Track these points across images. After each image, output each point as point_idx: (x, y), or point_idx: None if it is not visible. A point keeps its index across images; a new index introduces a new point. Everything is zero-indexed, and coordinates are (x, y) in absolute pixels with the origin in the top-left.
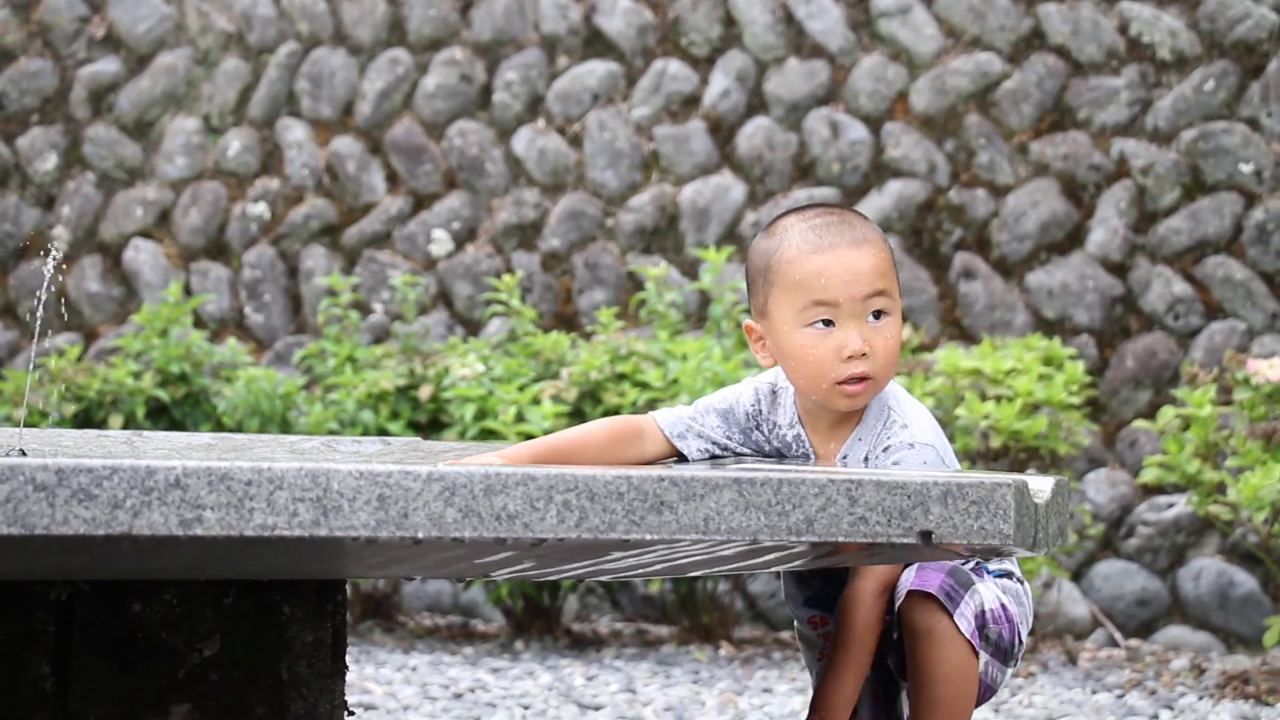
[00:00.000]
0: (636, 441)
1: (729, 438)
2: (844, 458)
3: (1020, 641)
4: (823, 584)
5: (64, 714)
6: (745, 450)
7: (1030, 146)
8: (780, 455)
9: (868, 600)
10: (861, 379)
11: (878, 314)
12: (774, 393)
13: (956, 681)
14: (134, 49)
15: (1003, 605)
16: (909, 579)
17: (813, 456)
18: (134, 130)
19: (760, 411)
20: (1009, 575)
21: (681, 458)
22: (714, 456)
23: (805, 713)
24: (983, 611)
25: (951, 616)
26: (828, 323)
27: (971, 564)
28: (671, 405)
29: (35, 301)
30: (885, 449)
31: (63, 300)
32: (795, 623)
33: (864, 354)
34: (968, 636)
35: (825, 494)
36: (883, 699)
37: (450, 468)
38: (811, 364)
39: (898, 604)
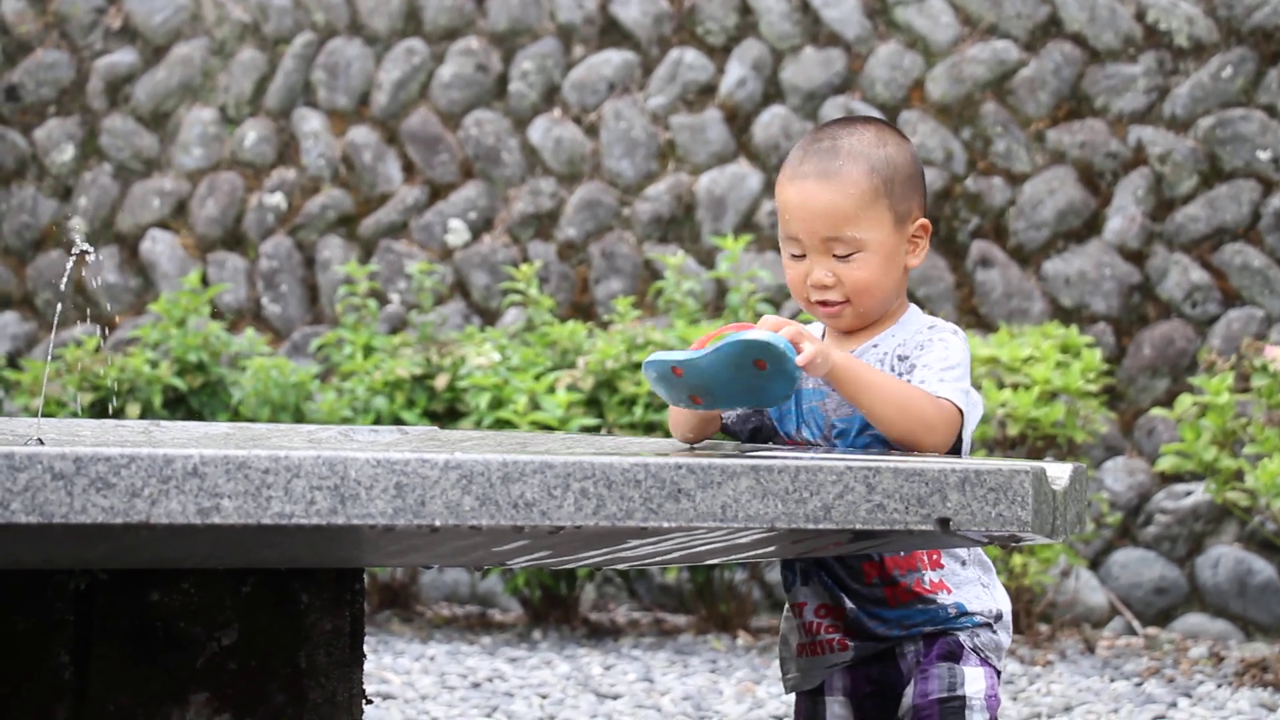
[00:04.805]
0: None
1: None
2: (874, 345)
3: (998, 701)
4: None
5: (83, 703)
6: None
7: (1047, 134)
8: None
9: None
10: (832, 303)
11: (844, 256)
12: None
13: None
14: (150, 40)
15: (987, 699)
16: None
17: None
18: (151, 121)
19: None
20: (989, 626)
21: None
22: (752, 424)
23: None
24: None
25: None
26: (799, 256)
27: (952, 606)
28: None
29: (56, 292)
30: (930, 326)
31: (95, 291)
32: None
33: (830, 286)
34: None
35: (843, 481)
36: None
37: (466, 455)
38: (790, 279)
39: None
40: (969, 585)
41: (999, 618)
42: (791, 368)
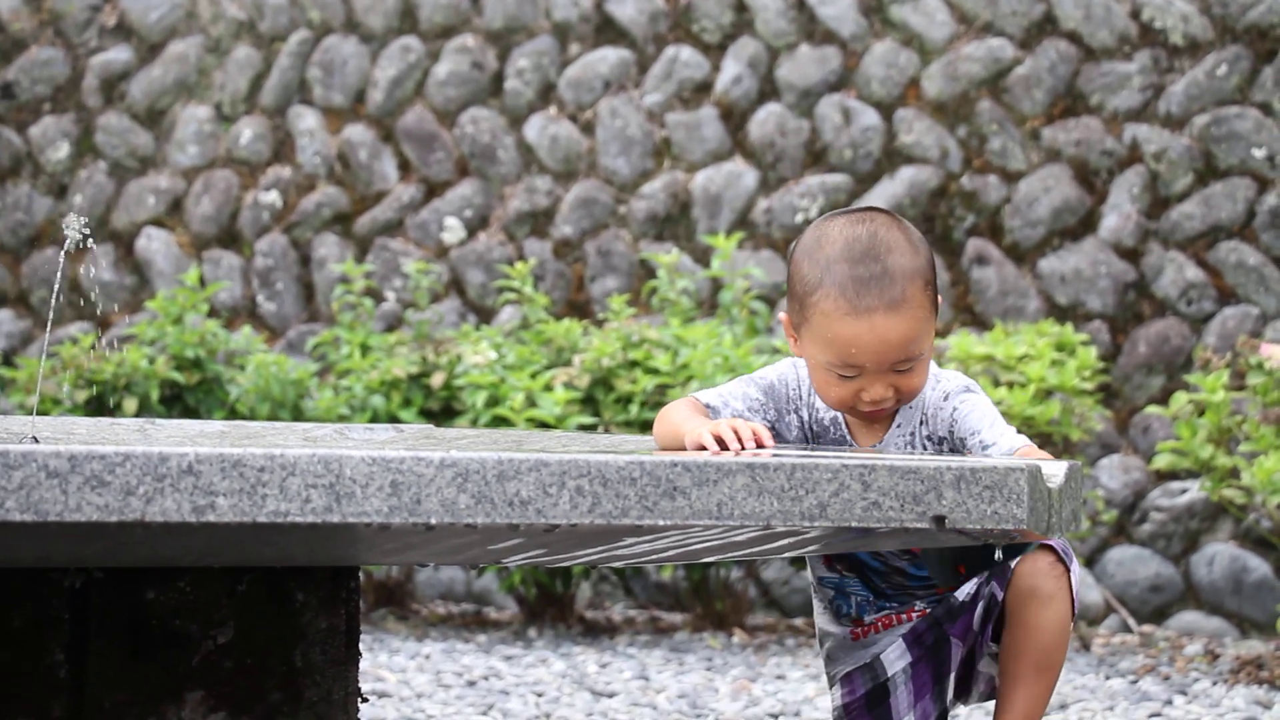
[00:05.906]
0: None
1: (765, 413)
2: (898, 425)
3: None
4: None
5: (79, 701)
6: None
7: (1042, 132)
8: (816, 438)
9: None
10: (884, 409)
11: (905, 370)
12: None
13: (1064, 638)
14: (145, 37)
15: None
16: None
17: (849, 439)
18: (146, 119)
19: (800, 395)
20: None
21: None
22: None
23: (817, 697)
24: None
25: (1069, 578)
26: (850, 377)
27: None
28: (682, 392)
29: (51, 290)
30: (945, 397)
31: (90, 289)
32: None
33: (889, 397)
34: (1074, 592)
35: (839, 479)
36: (930, 688)
37: (461, 453)
38: (831, 395)
39: (1015, 564)
40: None
41: None
42: None
